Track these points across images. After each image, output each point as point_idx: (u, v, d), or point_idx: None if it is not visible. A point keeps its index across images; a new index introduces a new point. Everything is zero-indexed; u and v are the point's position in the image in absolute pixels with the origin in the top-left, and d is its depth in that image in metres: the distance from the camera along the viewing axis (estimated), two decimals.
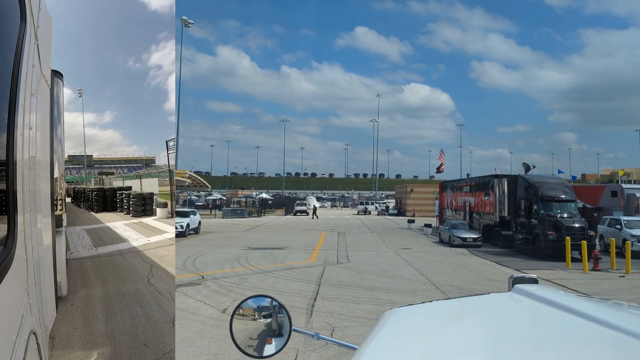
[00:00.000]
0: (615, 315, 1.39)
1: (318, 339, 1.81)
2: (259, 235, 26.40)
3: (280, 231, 29.93)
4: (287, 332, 1.82)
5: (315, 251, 19.09)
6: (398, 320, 1.54)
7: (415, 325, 1.52)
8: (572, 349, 1.11)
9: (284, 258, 16.71)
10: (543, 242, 17.56)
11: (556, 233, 17.27)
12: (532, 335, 1.26)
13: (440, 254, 18.89)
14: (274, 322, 1.85)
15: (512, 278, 1.83)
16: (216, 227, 30.91)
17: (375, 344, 1.31)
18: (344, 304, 9.49)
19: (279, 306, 1.87)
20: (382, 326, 1.47)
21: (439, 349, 1.22)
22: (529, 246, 18.74)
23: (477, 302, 1.75)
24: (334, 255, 17.61)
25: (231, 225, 34.25)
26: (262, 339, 1.82)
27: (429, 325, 1.51)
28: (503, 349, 1.15)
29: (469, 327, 1.46)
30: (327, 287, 11.08)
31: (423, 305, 1.72)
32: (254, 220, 40.18)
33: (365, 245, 21.97)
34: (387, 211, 57.40)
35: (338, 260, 16.41)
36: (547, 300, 1.48)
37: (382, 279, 12.66)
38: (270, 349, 1.79)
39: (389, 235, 28.14)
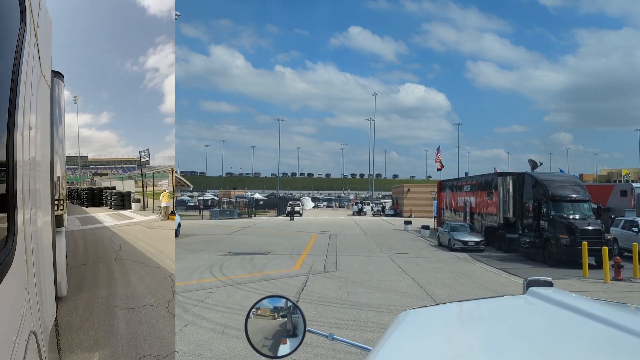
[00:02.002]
0: (633, 320, 1.38)
1: (332, 339, 1.84)
2: (243, 238, 24.49)
3: (268, 233, 28.03)
4: (301, 333, 1.83)
5: (301, 257, 17.21)
6: (412, 322, 1.55)
7: (429, 327, 1.51)
8: (588, 353, 1.10)
9: (264, 266, 14.83)
10: (554, 246, 15.72)
11: (569, 237, 15.45)
12: (546, 339, 1.22)
13: (439, 260, 17.05)
14: (289, 323, 1.86)
15: (526, 281, 1.80)
16: (200, 229, 28.97)
17: (389, 345, 1.31)
18: (322, 329, 7.60)
19: (293, 306, 1.89)
20: (395, 328, 1.48)
21: (452, 351, 1.22)
22: (538, 251, 16.91)
23: (491, 305, 1.78)
24: (321, 262, 15.74)
25: (217, 227, 32.31)
26: (277, 339, 1.83)
27: (442, 328, 1.50)
28: (517, 353, 1.14)
29: (483, 330, 1.45)
30: (305, 306, 9.18)
31: (437, 307, 1.74)
32: (242, 222, 38.25)
33: (358, 249, 20.09)
34: (383, 212, 55.51)
35: (325, 268, 14.54)
36: (562, 304, 1.47)
37: (373, 292, 10.80)
38: (285, 349, 1.80)
39: (384, 238, 26.28)
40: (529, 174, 18.86)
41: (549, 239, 16.14)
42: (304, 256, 17.47)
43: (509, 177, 20.50)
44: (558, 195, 16.70)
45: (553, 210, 16.57)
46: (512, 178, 20.26)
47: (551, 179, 17.74)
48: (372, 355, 1.21)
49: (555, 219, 16.29)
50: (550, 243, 16.00)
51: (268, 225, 35.69)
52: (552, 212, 16.55)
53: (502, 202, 20.60)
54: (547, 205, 16.78)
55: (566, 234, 15.61)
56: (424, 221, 35.23)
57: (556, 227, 16.15)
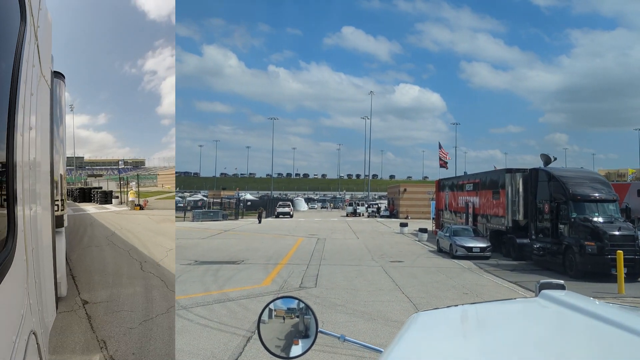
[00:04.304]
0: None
1: (344, 341, 1.82)
2: (220, 243, 21.85)
3: (250, 237, 25.38)
4: (313, 334, 1.83)
5: (277, 267, 14.60)
6: (423, 324, 1.55)
7: (440, 329, 1.51)
8: (601, 357, 1.10)
9: (227, 280, 12.21)
10: (578, 255, 13.15)
11: (596, 243, 12.89)
12: (558, 342, 1.21)
13: (440, 270, 14.47)
14: (301, 324, 1.86)
15: (538, 283, 1.80)
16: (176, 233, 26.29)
17: (400, 346, 1.30)
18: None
19: (305, 307, 1.87)
20: (407, 329, 1.46)
21: (464, 353, 1.22)
22: (556, 259, 14.35)
23: (503, 308, 1.82)
24: (299, 275, 13.14)
25: (195, 230, 29.62)
26: (289, 340, 1.83)
27: (454, 330, 1.50)
28: (528, 356, 1.14)
29: (495, 332, 1.44)
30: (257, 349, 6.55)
31: (449, 309, 1.72)
32: (226, 224, 35.54)
33: (346, 256, 17.48)
34: (378, 213, 52.79)
35: (302, 283, 11.94)
36: (574, 307, 1.46)
37: (355, 322, 8.19)
38: (297, 350, 1.79)
39: (378, 242, 23.66)
40: (544, 169, 16.28)
41: (571, 246, 13.58)
42: (281, 266, 14.86)
43: (519, 173, 17.94)
44: (580, 194, 14.14)
45: (574, 211, 14.00)
46: (523, 175, 17.70)
47: (571, 175, 15.18)
48: (384, 357, 1.21)
49: (578, 222, 13.72)
50: (573, 251, 13.43)
51: (253, 227, 33.01)
52: (573, 214, 13.98)
53: (510, 203, 18.03)
54: (567, 206, 14.21)
55: (592, 240, 13.06)
56: (420, 223, 32.69)
57: (579, 231, 13.59)
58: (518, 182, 17.83)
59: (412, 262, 16.27)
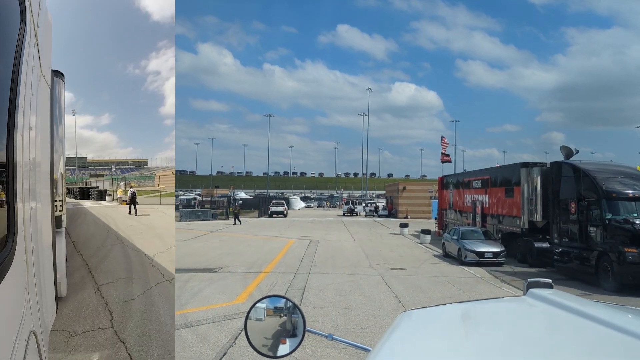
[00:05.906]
0: (632, 322, 1.36)
1: (332, 340, 1.82)
2: (200, 247, 19.65)
3: (236, 239, 23.19)
4: (301, 333, 1.80)
5: (259, 276, 12.44)
6: (412, 323, 1.53)
7: (429, 328, 1.50)
8: (588, 355, 1.10)
9: (194, 295, 10.03)
10: (616, 264, 11.01)
11: (638, 250, 10.78)
12: (546, 340, 1.24)
13: (449, 281, 12.33)
14: (288, 323, 1.83)
15: (526, 282, 1.77)
16: None
17: (388, 345, 1.30)
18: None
19: (293, 306, 1.85)
20: (395, 328, 1.46)
21: (452, 352, 1.21)
22: (585, 268, 12.22)
23: (491, 306, 1.80)
24: (283, 286, 11.00)
25: (180, 230, 27.28)
26: (277, 339, 1.80)
27: (442, 328, 1.49)
28: (517, 354, 1.13)
29: (483, 331, 1.45)
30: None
31: (437, 308, 1.70)
32: (214, 224, 33.31)
33: (340, 262, 15.32)
34: (376, 212, 50.60)
35: None
36: (562, 305, 1.46)
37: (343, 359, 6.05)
38: (285, 349, 1.77)
39: (376, 244, 21.49)
40: (569, 163, 14.10)
41: (606, 253, 11.44)
42: (263, 275, 12.69)
43: (536, 168, 15.79)
44: (616, 191, 11.99)
45: (609, 211, 11.86)
46: (541, 169, 15.57)
47: (602, 169, 13.04)
48: (372, 355, 1.21)
49: (614, 224, 11.58)
50: (608, 259, 11.29)
51: (242, 228, 30.80)
52: (607, 215, 11.83)
53: (526, 201, 15.90)
54: (599, 205, 12.06)
55: (632, 245, 10.93)
56: (420, 223, 30.58)
57: (616, 235, 11.45)
58: (535, 177, 15.71)
59: (416, 270, 14.12)
